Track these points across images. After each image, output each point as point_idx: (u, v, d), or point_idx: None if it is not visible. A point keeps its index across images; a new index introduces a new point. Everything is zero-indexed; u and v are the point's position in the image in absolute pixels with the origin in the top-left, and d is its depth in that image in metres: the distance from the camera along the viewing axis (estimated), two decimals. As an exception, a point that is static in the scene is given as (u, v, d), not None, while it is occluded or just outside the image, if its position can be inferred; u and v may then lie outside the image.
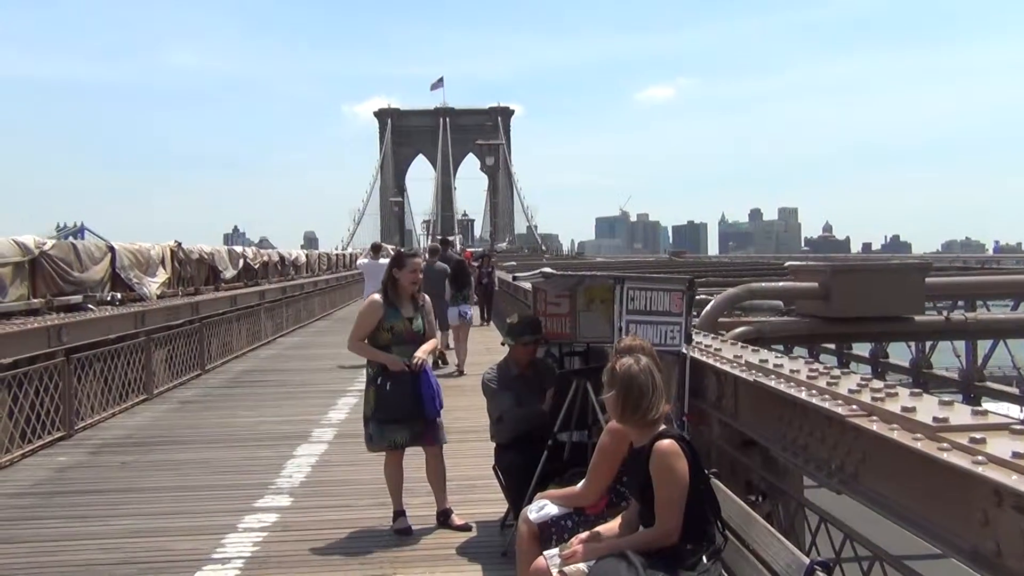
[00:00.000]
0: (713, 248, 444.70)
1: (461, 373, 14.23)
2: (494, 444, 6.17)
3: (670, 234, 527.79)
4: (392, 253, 7.91)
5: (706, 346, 6.23)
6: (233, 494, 7.33)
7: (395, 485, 6.38)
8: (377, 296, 6.42)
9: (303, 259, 29.62)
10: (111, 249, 13.41)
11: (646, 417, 3.73)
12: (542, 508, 4.37)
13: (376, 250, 18.61)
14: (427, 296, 6.63)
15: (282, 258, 26.26)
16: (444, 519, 6.39)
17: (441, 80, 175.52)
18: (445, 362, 15.37)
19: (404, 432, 6.23)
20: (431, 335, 6.53)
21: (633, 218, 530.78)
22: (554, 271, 6.56)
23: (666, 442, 3.64)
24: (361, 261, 19.16)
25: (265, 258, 23.60)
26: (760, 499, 5.65)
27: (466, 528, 6.28)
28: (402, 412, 6.15)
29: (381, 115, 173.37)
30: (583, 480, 4.40)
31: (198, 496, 7.31)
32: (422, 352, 6.28)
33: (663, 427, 3.77)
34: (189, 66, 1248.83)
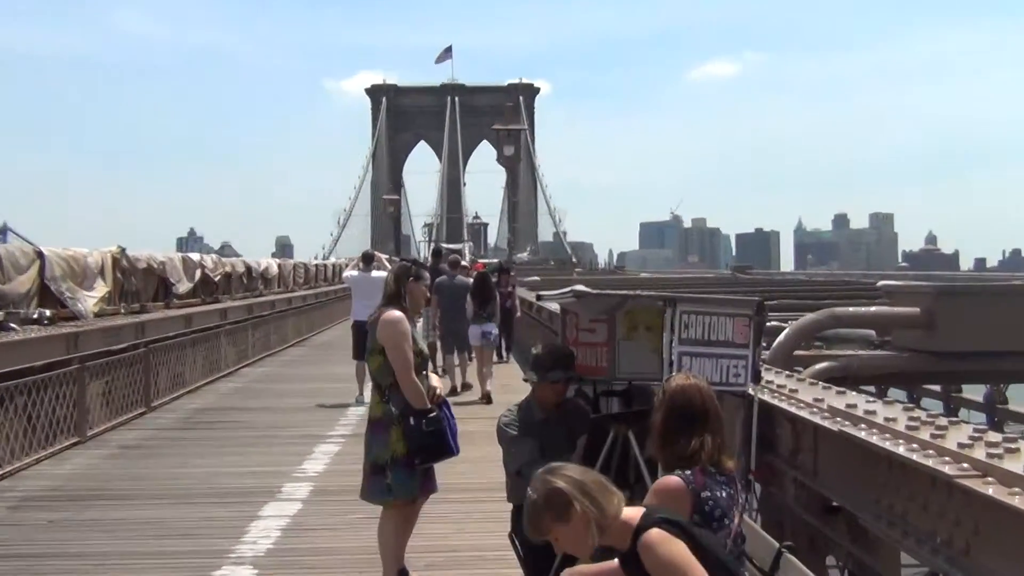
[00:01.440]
0: (787, 263, 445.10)
1: (489, 400, 14.89)
2: (511, 506, 6.16)
3: (733, 244, 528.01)
4: (388, 265, 8.03)
5: (779, 386, 6.22)
6: (183, 563, 7.34)
7: (401, 545, 6.48)
8: (399, 312, 6.56)
9: (274, 270, 29.78)
10: (40, 255, 13.54)
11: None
12: (570, 587, 4.35)
13: (368, 260, 18.57)
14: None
15: (248, 269, 26.41)
16: None
17: (449, 50, 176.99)
18: (469, 387, 15.99)
19: (417, 480, 6.42)
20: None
21: (687, 224, 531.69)
22: (588, 290, 6.57)
23: (653, 532, 3.46)
24: (348, 274, 19.16)
25: (228, 269, 23.75)
26: (846, 580, 5.62)
27: None
28: (440, 453, 6.44)
29: (374, 92, 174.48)
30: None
31: (141, 565, 7.33)
32: (439, 383, 6.73)
33: (643, 512, 3.57)
34: (139, 34, 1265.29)
